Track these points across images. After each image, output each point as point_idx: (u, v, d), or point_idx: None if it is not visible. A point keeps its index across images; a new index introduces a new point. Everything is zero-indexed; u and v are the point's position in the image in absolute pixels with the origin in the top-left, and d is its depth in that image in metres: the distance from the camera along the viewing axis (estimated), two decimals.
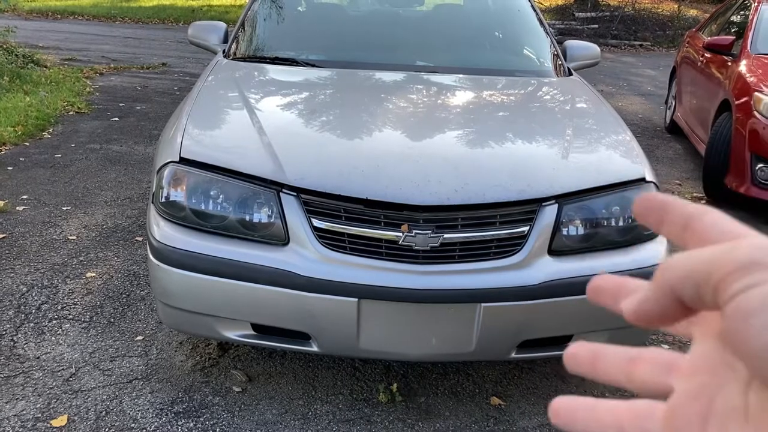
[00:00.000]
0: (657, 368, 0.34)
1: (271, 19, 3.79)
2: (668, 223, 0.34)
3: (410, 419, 2.48)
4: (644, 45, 15.01)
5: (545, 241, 2.26)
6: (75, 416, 2.39)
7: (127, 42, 11.76)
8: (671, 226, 0.34)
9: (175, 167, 2.35)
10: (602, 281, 0.38)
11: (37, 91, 6.91)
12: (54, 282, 3.29)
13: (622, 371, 0.36)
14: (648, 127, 7.37)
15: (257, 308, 2.24)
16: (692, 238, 0.33)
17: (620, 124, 2.87)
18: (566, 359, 0.38)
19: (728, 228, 0.32)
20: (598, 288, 0.38)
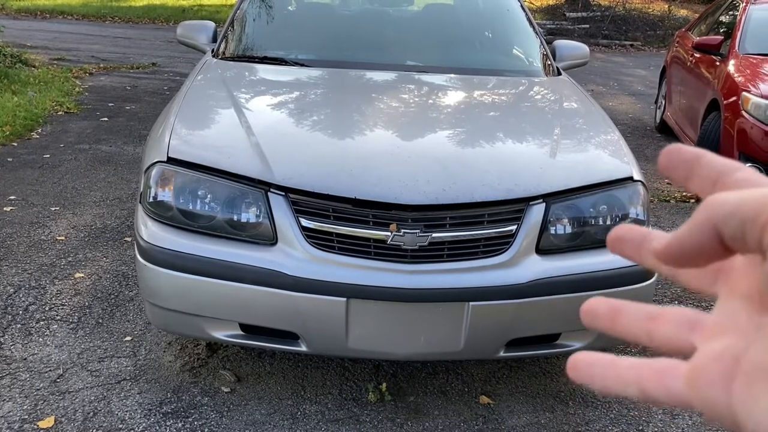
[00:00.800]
0: (679, 326, 0.33)
1: (261, 19, 3.79)
2: (697, 178, 0.33)
3: (399, 418, 2.48)
4: (635, 45, 15.07)
5: (533, 240, 2.27)
6: (62, 417, 2.38)
7: (116, 42, 11.71)
8: (701, 180, 0.33)
9: (162, 167, 2.35)
10: (624, 231, 0.36)
11: (25, 90, 6.87)
12: (42, 283, 3.28)
13: (643, 328, 0.35)
14: (638, 127, 7.40)
15: (245, 308, 2.23)
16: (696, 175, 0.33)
17: (608, 123, 2.88)
18: (583, 314, 0.37)
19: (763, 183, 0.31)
20: (620, 238, 0.37)
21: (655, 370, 0.33)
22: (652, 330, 0.34)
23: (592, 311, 0.37)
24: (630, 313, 0.35)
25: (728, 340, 0.31)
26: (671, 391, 0.32)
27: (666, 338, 0.34)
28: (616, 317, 0.36)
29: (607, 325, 0.36)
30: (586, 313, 0.37)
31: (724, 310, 0.32)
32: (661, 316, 0.34)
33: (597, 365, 0.35)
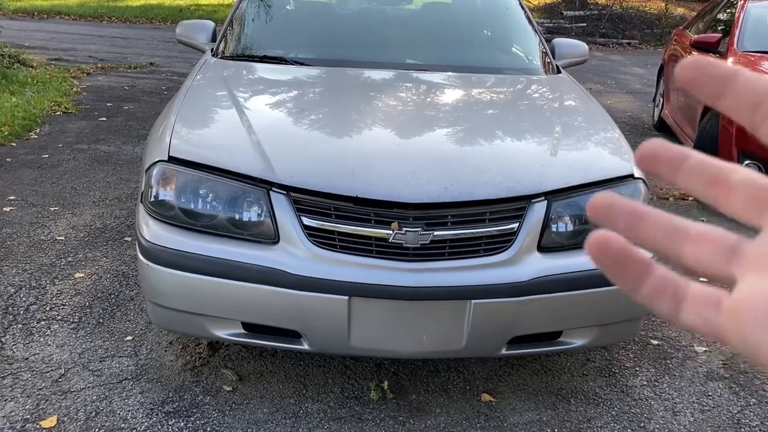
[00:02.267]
0: (716, 252, 0.31)
1: (260, 18, 3.78)
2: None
3: (401, 416, 2.48)
4: (632, 43, 15.09)
5: (534, 237, 2.27)
6: (64, 417, 2.37)
7: (114, 42, 11.69)
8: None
9: (164, 166, 2.34)
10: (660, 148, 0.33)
11: (23, 91, 6.86)
12: (42, 283, 3.27)
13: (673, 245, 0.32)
14: (636, 125, 7.41)
15: (247, 307, 2.23)
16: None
17: (609, 121, 2.89)
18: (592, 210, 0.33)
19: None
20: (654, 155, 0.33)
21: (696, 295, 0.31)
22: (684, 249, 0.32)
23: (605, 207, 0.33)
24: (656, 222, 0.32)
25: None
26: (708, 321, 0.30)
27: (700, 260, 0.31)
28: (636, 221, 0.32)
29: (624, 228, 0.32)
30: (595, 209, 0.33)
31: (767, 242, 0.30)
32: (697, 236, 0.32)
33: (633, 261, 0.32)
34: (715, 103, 0.31)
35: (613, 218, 0.33)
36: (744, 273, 0.30)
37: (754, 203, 0.31)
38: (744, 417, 2.59)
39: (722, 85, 0.31)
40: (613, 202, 0.33)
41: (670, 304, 0.31)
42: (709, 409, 2.63)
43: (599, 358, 2.92)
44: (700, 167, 0.32)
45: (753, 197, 0.31)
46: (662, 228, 0.32)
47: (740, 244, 0.31)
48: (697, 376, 2.84)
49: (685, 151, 0.33)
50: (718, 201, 0.32)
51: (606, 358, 2.92)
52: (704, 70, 0.31)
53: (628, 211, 0.32)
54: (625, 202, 0.33)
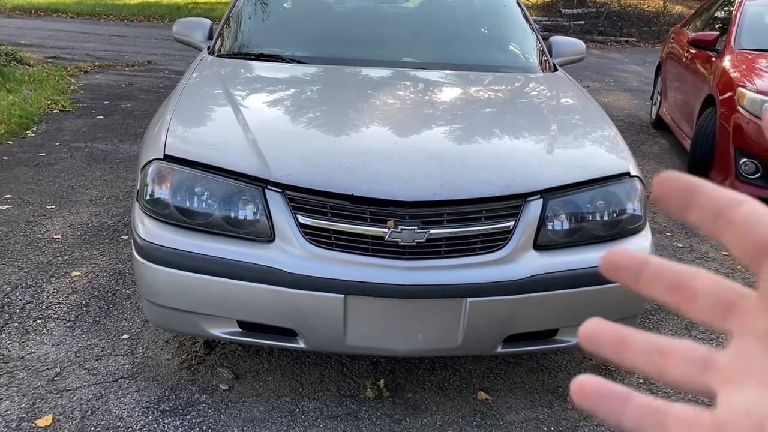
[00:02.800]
0: (691, 365, 0.31)
1: (257, 16, 3.78)
2: (697, 210, 0.31)
3: (397, 415, 2.48)
4: (630, 41, 15.09)
5: (530, 235, 2.27)
6: (60, 416, 2.37)
7: (111, 40, 11.67)
8: (700, 213, 0.31)
9: (159, 164, 2.34)
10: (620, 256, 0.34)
11: (20, 89, 6.84)
12: (38, 281, 3.27)
13: (652, 363, 0.33)
14: (634, 123, 7.41)
15: (243, 305, 2.23)
16: (728, 232, 0.31)
17: (605, 119, 2.89)
18: (583, 338, 0.34)
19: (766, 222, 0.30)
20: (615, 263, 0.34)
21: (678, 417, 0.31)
22: (662, 367, 0.32)
23: (594, 337, 0.34)
24: (638, 344, 0.33)
25: (751, 389, 0.29)
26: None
27: (678, 377, 0.32)
28: (622, 348, 0.33)
29: (613, 355, 0.34)
30: (586, 338, 0.34)
31: (739, 350, 0.31)
32: (672, 352, 0.32)
33: (611, 397, 0.33)
34: (684, 216, 0.32)
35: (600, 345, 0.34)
36: (721, 386, 0.30)
37: (718, 308, 0.31)
38: None
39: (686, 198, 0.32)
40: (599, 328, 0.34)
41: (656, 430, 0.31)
42: None
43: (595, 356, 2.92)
44: (660, 273, 0.33)
45: (716, 302, 0.31)
46: (643, 349, 0.33)
47: (712, 354, 0.31)
48: None
49: (644, 257, 0.33)
50: (681, 306, 0.32)
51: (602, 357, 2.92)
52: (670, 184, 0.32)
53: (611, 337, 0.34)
54: (609, 327, 0.34)
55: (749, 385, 0.30)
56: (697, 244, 4.18)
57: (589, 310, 2.34)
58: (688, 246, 4.17)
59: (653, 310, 3.35)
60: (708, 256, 4.02)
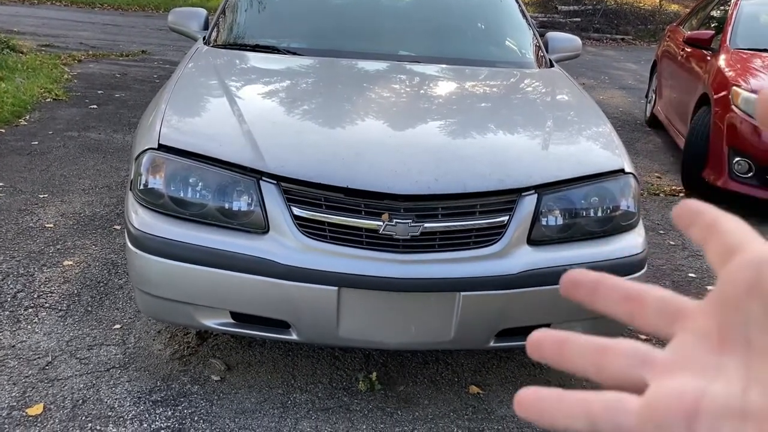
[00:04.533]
0: (630, 361, 0.33)
1: (252, 7, 3.76)
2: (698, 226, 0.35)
3: (389, 408, 2.49)
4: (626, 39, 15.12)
5: (524, 230, 2.27)
6: (51, 405, 2.36)
7: (105, 29, 11.60)
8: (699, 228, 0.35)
9: (153, 154, 2.33)
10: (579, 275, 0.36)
11: (13, 77, 6.79)
12: (30, 270, 3.25)
13: (591, 362, 0.34)
14: (628, 121, 7.43)
15: (236, 296, 2.23)
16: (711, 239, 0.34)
17: (600, 115, 2.89)
18: (530, 346, 0.36)
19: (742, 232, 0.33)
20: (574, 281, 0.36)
21: (604, 404, 0.32)
22: (600, 364, 0.34)
23: (538, 343, 0.36)
24: (577, 345, 0.35)
25: (686, 378, 0.31)
26: (622, 427, 0.31)
27: (616, 373, 0.33)
28: (562, 350, 0.35)
29: (554, 357, 0.35)
30: (532, 346, 0.36)
31: (679, 347, 0.32)
32: (611, 349, 0.34)
33: (545, 400, 0.34)
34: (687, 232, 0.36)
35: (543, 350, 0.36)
36: (655, 379, 0.32)
37: (664, 316, 0.34)
38: None
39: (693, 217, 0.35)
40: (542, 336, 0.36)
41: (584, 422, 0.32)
42: None
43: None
44: (613, 288, 0.35)
45: (664, 309, 0.34)
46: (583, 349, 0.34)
47: (651, 352, 0.33)
48: None
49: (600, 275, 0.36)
50: (632, 316, 0.35)
51: None
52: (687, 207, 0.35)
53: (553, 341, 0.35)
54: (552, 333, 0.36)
55: (684, 375, 0.31)
56: (689, 241, 4.20)
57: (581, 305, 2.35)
58: (680, 243, 4.19)
59: None
60: (700, 254, 4.04)
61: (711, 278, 3.72)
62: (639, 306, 0.34)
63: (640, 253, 2.41)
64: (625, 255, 2.35)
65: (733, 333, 0.30)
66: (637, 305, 0.34)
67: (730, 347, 0.30)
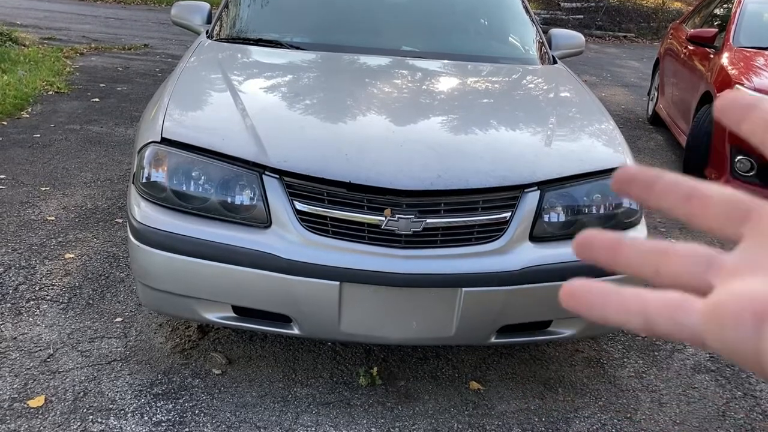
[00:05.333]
0: (693, 263, 0.31)
1: (256, 1, 3.75)
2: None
3: (390, 403, 2.49)
4: (628, 36, 15.08)
5: (527, 227, 2.27)
6: (52, 397, 2.37)
7: (108, 22, 11.58)
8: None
9: (156, 147, 2.33)
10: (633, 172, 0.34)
11: (15, 69, 6.79)
12: (32, 263, 3.26)
13: (650, 263, 0.32)
14: (630, 118, 7.42)
15: (238, 290, 2.23)
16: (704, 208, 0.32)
17: (603, 112, 2.89)
18: (578, 246, 0.34)
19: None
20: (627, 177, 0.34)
21: (664, 302, 0.30)
22: (661, 263, 0.32)
23: (588, 243, 0.33)
24: (634, 246, 0.33)
25: (756, 280, 0.29)
26: (683, 326, 0.30)
27: (677, 273, 0.31)
28: (617, 249, 0.33)
29: (606, 257, 0.33)
30: (580, 245, 0.33)
31: (749, 250, 0.30)
32: (675, 251, 0.32)
33: (596, 292, 0.32)
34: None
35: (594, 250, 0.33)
36: (722, 281, 0.30)
37: (731, 217, 0.31)
38: (729, 409, 2.62)
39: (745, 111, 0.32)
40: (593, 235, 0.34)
41: (639, 318, 0.31)
42: (695, 401, 2.65)
43: (588, 348, 2.94)
44: (674, 185, 0.33)
45: (729, 211, 0.31)
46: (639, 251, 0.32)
47: (718, 256, 0.31)
48: (684, 368, 2.87)
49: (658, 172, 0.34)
50: (693, 216, 0.32)
51: (594, 349, 2.94)
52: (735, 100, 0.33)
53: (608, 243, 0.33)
54: (606, 235, 0.34)
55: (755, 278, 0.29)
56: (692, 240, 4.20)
57: None
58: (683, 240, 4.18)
59: None
60: None
61: None
62: (702, 205, 0.32)
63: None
64: None
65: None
66: (701, 204, 0.32)
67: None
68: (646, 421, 2.52)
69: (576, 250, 0.34)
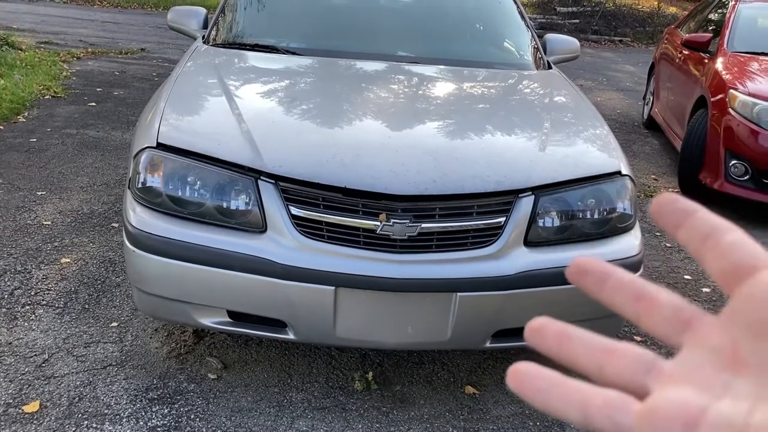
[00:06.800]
0: (635, 365, 0.32)
1: (252, 6, 3.76)
2: (688, 230, 0.33)
3: (385, 407, 2.49)
4: (624, 41, 15.14)
5: (521, 232, 2.28)
6: (47, 402, 2.37)
7: (105, 26, 11.59)
8: (691, 233, 0.33)
9: (152, 153, 2.33)
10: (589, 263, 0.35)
11: (11, 73, 6.79)
12: (27, 267, 3.25)
13: (594, 360, 0.33)
14: (626, 123, 7.44)
15: (234, 295, 2.23)
16: (712, 252, 0.32)
17: (598, 117, 2.90)
18: (529, 332, 0.35)
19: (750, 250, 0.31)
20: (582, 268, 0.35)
21: (604, 399, 0.31)
22: (604, 363, 0.33)
23: (539, 330, 0.35)
24: (581, 340, 0.34)
25: (691, 390, 0.30)
26: (618, 425, 0.31)
27: (619, 374, 0.32)
28: (565, 342, 0.34)
29: (554, 348, 0.34)
30: (532, 332, 0.35)
31: (687, 360, 0.32)
32: (617, 351, 0.33)
33: (543, 379, 0.33)
34: (675, 234, 0.34)
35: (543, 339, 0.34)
36: (659, 386, 0.31)
37: (675, 322, 0.32)
38: None
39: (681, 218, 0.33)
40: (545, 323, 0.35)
41: (578, 412, 0.32)
42: None
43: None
44: (625, 283, 0.34)
45: (674, 316, 0.32)
46: (587, 344, 0.33)
47: (658, 360, 0.32)
48: None
49: (611, 267, 0.35)
50: (640, 317, 0.33)
51: None
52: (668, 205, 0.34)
53: (556, 331, 0.34)
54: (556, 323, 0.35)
55: (690, 387, 0.30)
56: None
57: (578, 306, 2.36)
58: (676, 246, 4.20)
59: None
60: None
61: (706, 281, 3.74)
62: (649, 308, 0.33)
63: (637, 256, 2.42)
64: (621, 257, 2.36)
65: (749, 354, 0.30)
66: (648, 306, 0.33)
67: (743, 367, 0.30)
68: None
69: (527, 336, 0.35)
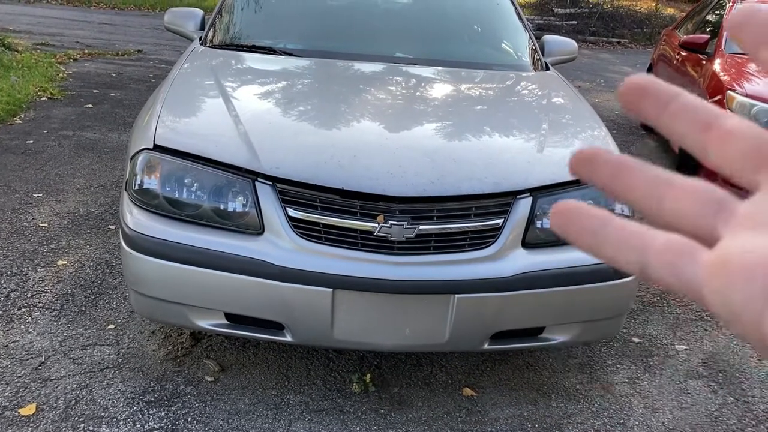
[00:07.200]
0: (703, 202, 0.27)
1: (249, 7, 3.76)
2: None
3: (383, 409, 2.49)
4: (622, 42, 15.15)
5: (519, 233, 2.28)
6: (44, 405, 2.36)
7: (102, 28, 11.57)
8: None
9: (149, 154, 2.33)
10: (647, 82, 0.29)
11: (8, 75, 6.77)
12: (24, 269, 3.24)
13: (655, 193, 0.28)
14: (624, 124, 7.45)
15: (231, 298, 2.23)
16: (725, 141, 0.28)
17: (596, 119, 2.90)
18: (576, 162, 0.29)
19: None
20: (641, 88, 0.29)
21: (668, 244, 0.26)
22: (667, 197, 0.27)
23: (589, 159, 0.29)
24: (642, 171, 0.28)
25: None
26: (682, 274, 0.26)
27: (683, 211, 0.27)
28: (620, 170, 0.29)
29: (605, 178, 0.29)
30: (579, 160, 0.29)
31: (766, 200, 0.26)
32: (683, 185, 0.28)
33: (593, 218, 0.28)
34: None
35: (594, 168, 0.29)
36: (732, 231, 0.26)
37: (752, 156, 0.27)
38: (722, 415, 2.62)
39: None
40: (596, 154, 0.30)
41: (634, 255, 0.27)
42: (687, 407, 2.66)
43: (581, 354, 2.94)
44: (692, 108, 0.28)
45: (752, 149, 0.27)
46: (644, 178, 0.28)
47: (730, 200, 0.27)
48: (677, 373, 2.87)
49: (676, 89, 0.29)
50: (707, 149, 0.28)
51: (587, 355, 2.94)
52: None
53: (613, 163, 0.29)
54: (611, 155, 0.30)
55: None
56: None
57: (575, 308, 2.36)
58: None
59: (639, 310, 3.37)
60: None
61: None
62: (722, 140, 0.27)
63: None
64: None
65: None
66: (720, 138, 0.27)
67: None
68: (639, 426, 2.52)
69: (573, 165, 0.30)
